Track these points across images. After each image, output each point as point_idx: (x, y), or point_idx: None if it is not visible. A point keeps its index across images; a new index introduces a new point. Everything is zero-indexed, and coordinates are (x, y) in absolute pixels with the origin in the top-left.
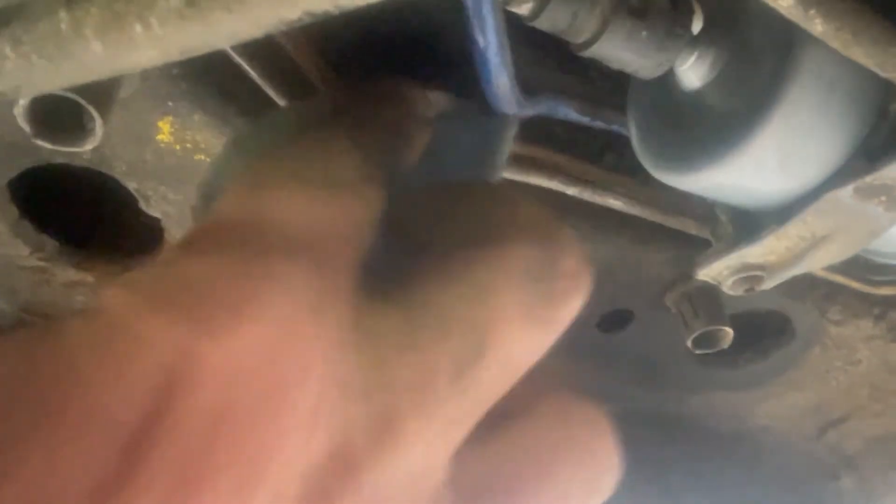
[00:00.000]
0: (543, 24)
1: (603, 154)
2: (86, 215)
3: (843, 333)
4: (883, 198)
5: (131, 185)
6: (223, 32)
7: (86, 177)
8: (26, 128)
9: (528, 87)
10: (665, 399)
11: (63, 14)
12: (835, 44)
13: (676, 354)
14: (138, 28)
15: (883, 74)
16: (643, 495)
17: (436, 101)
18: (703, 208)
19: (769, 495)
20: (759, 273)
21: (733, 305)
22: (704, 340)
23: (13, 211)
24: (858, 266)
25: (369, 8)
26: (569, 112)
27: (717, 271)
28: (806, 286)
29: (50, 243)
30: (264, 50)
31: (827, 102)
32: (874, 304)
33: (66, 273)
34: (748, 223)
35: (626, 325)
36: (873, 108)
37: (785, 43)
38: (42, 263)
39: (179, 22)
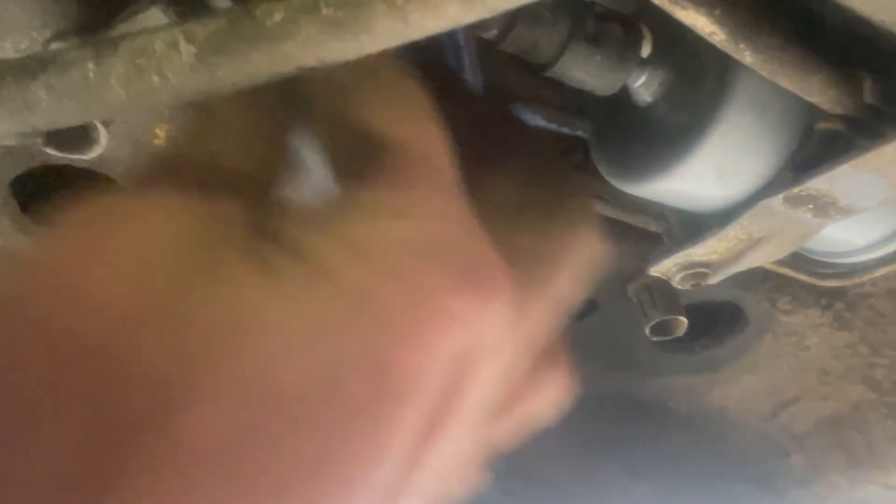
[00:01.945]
0: (508, 47)
1: (570, 154)
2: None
3: (793, 322)
4: (810, 206)
5: (129, 186)
6: (228, 83)
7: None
8: (38, 139)
9: (499, 92)
10: (628, 381)
11: (91, 65)
12: (763, 72)
13: (637, 341)
14: (156, 79)
15: (806, 98)
16: (608, 471)
17: None
18: (659, 207)
19: (726, 471)
20: (704, 270)
21: (690, 296)
22: (661, 328)
23: (15, 206)
24: (806, 261)
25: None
26: (536, 118)
27: (666, 268)
28: (757, 278)
29: None
30: None
31: (759, 121)
32: (821, 295)
33: None
34: (694, 225)
35: (591, 314)
36: (800, 127)
37: (722, 67)
38: None
39: (191, 74)
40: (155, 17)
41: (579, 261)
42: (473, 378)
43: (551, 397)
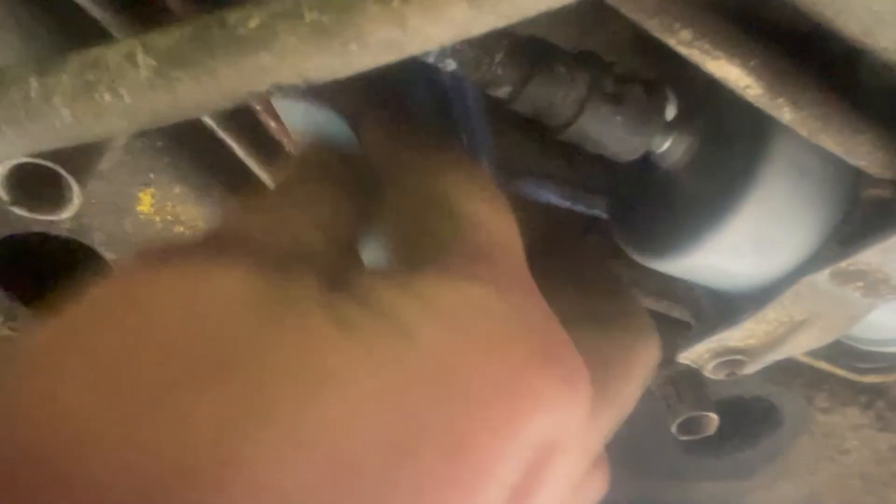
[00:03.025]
0: (521, 106)
1: (585, 235)
2: (57, 285)
3: (831, 422)
4: (860, 283)
5: (109, 256)
6: (192, 103)
7: (61, 246)
8: (3, 195)
9: (511, 169)
10: (650, 488)
11: (34, 81)
12: (803, 131)
13: (661, 441)
14: (108, 97)
15: (852, 161)
16: None
17: None
18: (685, 292)
19: None
20: (739, 357)
21: (718, 391)
22: (689, 426)
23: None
24: (843, 353)
25: (340, 84)
26: (550, 196)
27: (697, 354)
28: (791, 373)
29: (22, 312)
30: (247, 124)
31: (799, 188)
32: (861, 392)
33: None
34: (728, 306)
35: None
36: (845, 194)
37: (757, 129)
38: (13, 333)
39: (149, 92)
40: None
41: (642, 366)
42: (552, 473)
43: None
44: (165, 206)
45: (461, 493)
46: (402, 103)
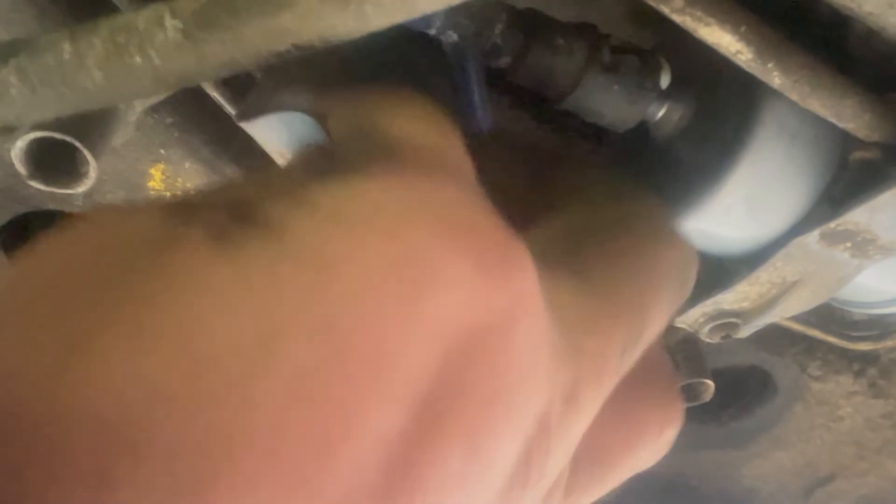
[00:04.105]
0: (521, 77)
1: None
2: None
3: (825, 389)
4: (848, 244)
5: None
6: (216, 63)
7: None
8: (21, 169)
9: (507, 137)
10: None
11: (67, 45)
12: (793, 96)
13: None
14: (138, 59)
15: (840, 124)
16: None
17: None
18: None
19: None
20: (734, 320)
21: (714, 360)
22: (686, 393)
23: (1, 257)
24: (836, 321)
25: (356, 50)
26: None
27: (693, 318)
28: (785, 341)
29: None
30: None
31: (790, 152)
32: (853, 360)
33: None
34: (722, 270)
35: None
36: (834, 157)
37: (748, 95)
38: None
39: (176, 54)
40: None
41: (669, 274)
42: (485, 360)
43: (658, 439)
44: (176, 181)
45: (341, 376)
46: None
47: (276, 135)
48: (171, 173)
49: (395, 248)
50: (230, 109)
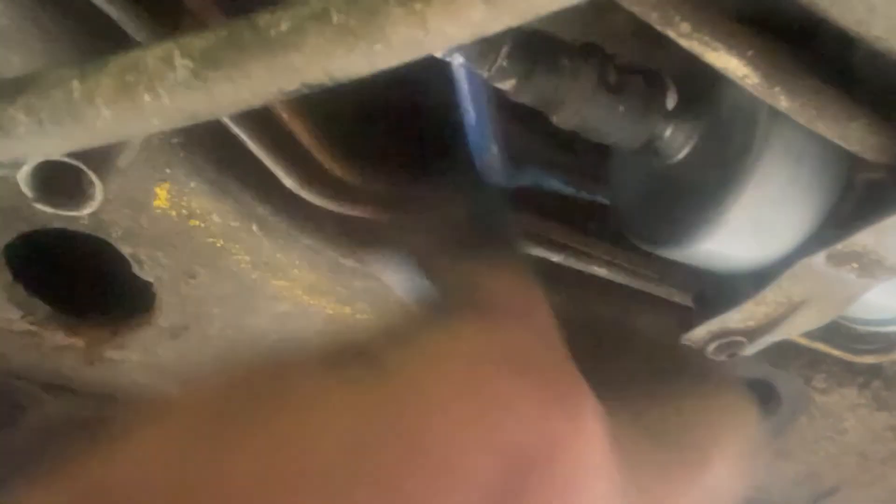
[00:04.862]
0: (527, 98)
1: (587, 222)
2: (75, 279)
3: (829, 402)
4: (855, 265)
5: (126, 250)
6: (226, 102)
7: (78, 241)
8: (28, 193)
9: (516, 159)
10: None
11: (76, 83)
12: (800, 119)
13: None
14: (147, 97)
15: (846, 147)
16: None
17: None
18: (684, 275)
19: None
20: (740, 339)
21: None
22: None
23: (7, 275)
24: (840, 335)
25: (362, 82)
26: (554, 183)
27: (699, 336)
28: (790, 355)
29: (41, 307)
30: (260, 119)
31: (796, 173)
32: (858, 373)
33: (56, 337)
34: (728, 290)
35: None
36: (840, 179)
37: (754, 117)
38: (32, 327)
39: (186, 92)
40: None
41: (732, 429)
42: (540, 484)
43: None
44: (181, 200)
45: (421, 481)
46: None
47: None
48: (176, 192)
49: (474, 382)
50: (237, 130)
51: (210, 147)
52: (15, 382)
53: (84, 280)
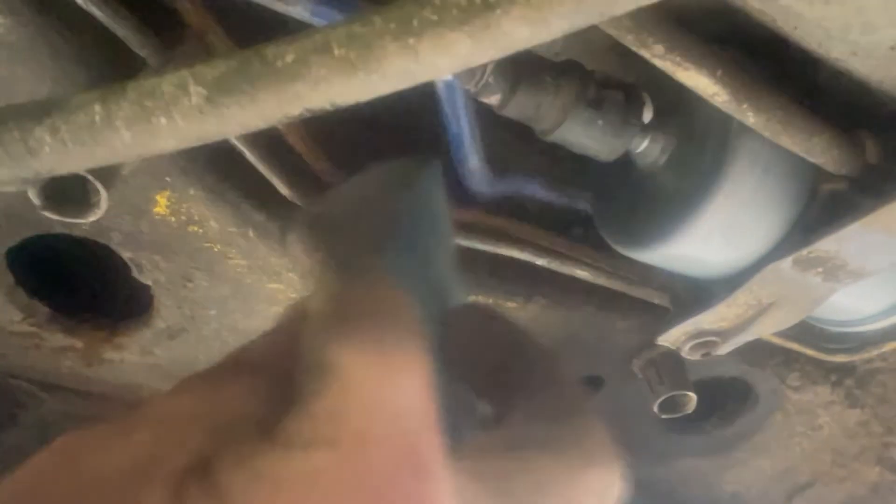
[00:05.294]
0: (511, 112)
1: (570, 227)
2: (75, 282)
3: (803, 399)
4: (819, 269)
5: (126, 255)
6: (235, 126)
7: (78, 245)
8: (36, 201)
9: (498, 166)
10: (636, 466)
11: (98, 107)
12: (766, 133)
13: (646, 421)
14: (163, 121)
15: (810, 159)
16: None
17: None
18: (663, 278)
19: None
20: (713, 339)
21: (697, 373)
22: (670, 405)
23: (9, 277)
24: (814, 335)
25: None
26: (536, 189)
27: (675, 337)
28: (765, 354)
29: (41, 309)
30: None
31: (763, 183)
32: (830, 371)
33: (56, 338)
34: (702, 292)
35: (598, 391)
36: (805, 189)
37: (725, 130)
38: (33, 329)
39: (199, 117)
40: None
41: (592, 492)
42: None
43: None
44: (180, 207)
45: None
46: None
47: None
48: (175, 200)
49: None
50: (235, 141)
51: (209, 157)
52: (15, 382)
53: (83, 282)
